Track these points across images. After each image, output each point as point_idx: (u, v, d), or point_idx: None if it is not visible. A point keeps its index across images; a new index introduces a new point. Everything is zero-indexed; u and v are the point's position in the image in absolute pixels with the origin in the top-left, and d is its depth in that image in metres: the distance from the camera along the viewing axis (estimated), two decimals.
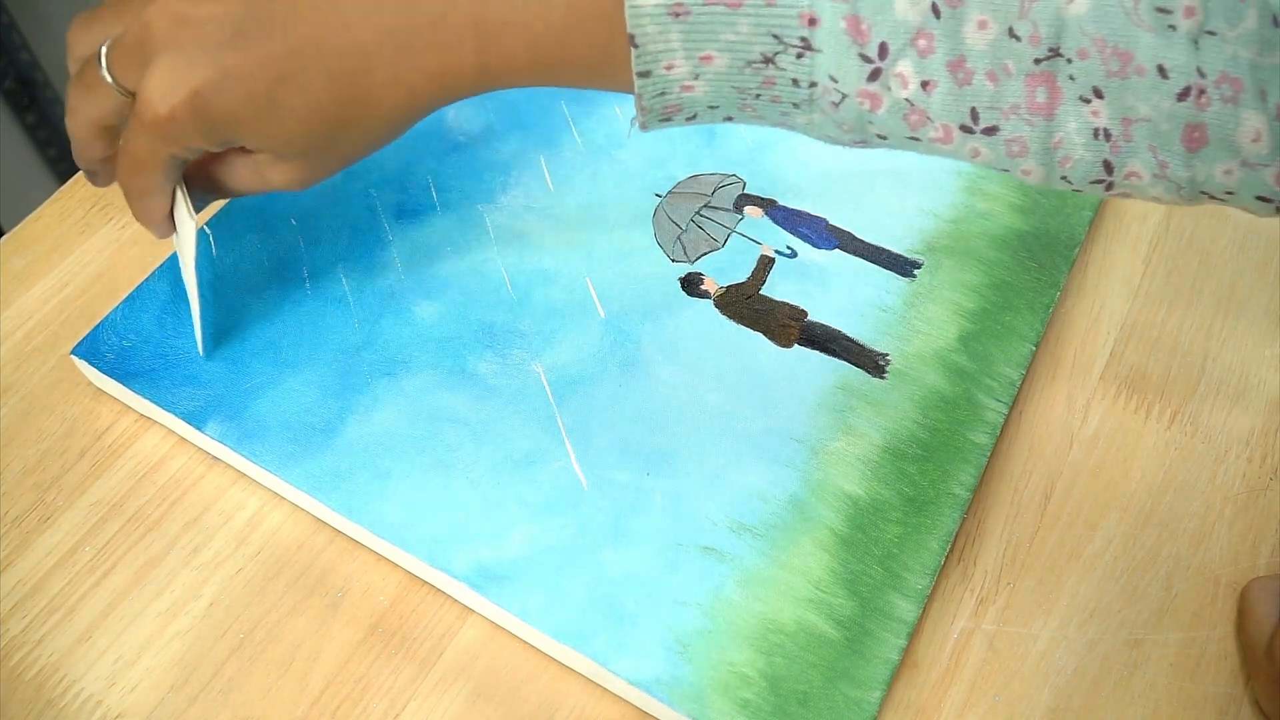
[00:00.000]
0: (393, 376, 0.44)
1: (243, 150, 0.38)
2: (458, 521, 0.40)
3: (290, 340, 0.45)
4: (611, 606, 0.38)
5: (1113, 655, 0.39)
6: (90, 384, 0.46)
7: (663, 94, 0.34)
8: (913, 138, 0.33)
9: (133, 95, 0.36)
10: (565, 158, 0.51)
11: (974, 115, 0.32)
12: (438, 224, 0.49)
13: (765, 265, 0.47)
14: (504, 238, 0.48)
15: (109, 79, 0.36)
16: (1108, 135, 0.32)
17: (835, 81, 0.32)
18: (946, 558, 0.40)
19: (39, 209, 0.52)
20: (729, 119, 0.35)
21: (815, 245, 0.48)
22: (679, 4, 0.32)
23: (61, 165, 1.14)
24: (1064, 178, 0.34)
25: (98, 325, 0.45)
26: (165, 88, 0.34)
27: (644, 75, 0.33)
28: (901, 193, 0.49)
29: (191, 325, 0.44)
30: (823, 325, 0.45)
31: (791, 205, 0.49)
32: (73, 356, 0.45)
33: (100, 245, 0.51)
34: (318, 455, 0.42)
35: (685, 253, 0.48)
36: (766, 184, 0.50)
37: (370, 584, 0.41)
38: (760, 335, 0.45)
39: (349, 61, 0.34)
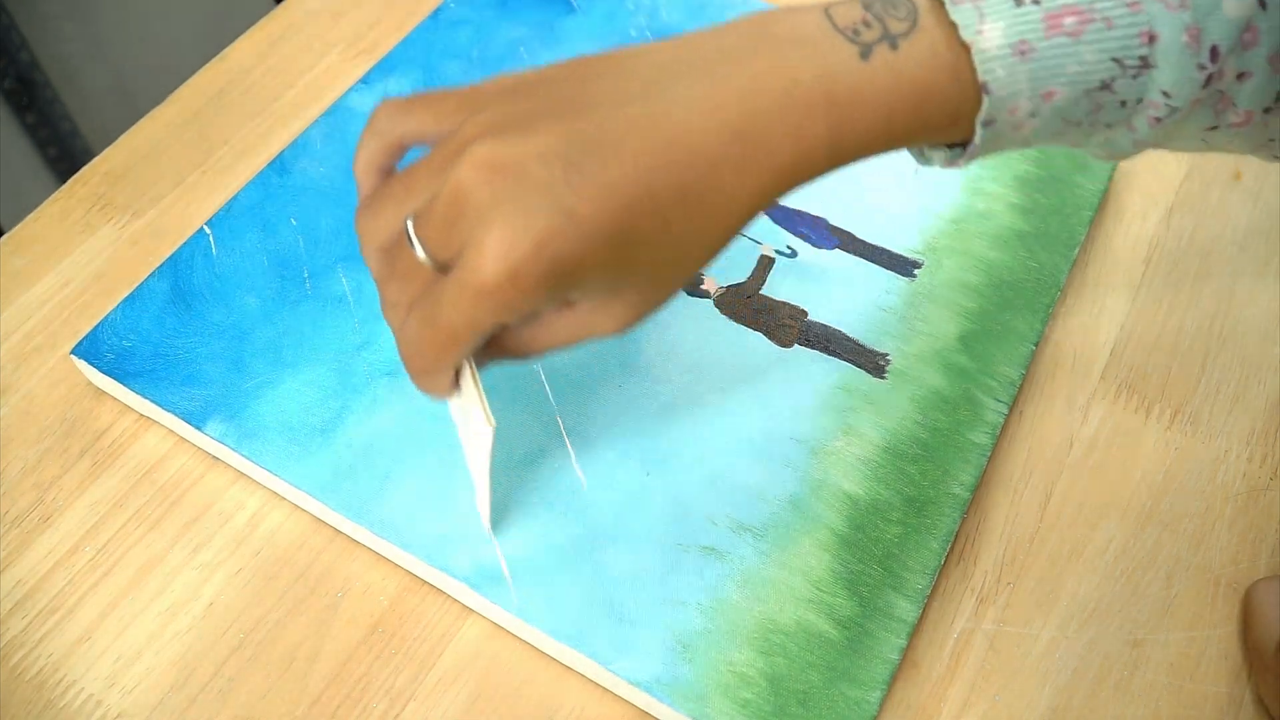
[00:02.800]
0: (393, 376, 0.44)
1: (564, 302, 0.33)
2: (458, 521, 0.40)
3: (290, 340, 0.45)
4: (611, 606, 0.38)
5: (1113, 655, 0.39)
6: (90, 384, 0.46)
7: (997, 138, 0.32)
8: (1211, 127, 0.33)
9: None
10: None
11: (1277, 97, 0.32)
12: None
13: (765, 265, 0.47)
14: None
15: (428, 261, 0.31)
16: None
17: (1168, 96, 0.31)
18: (946, 558, 0.40)
19: (39, 209, 0.52)
20: (1024, 146, 0.33)
21: (815, 245, 0.48)
22: (1024, 42, 0.30)
23: (61, 165, 1.14)
24: None
25: (98, 325, 0.45)
26: (504, 247, 0.29)
27: (989, 123, 0.31)
28: (901, 193, 0.49)
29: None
30: (823, 325, 0.45)
31: (791, 205, 0.49)
32: (73, 356, 0.45)
33: (100, 245, 0.51)
34: (318, 455, 0.42)
35: None
36: None
37: (370, 584, 0.41)
38: (760, 335, 0.45)
39: (695, 172, 0.30)
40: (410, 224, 0.31)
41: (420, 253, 0.31)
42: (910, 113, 0.31)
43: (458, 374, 0.34)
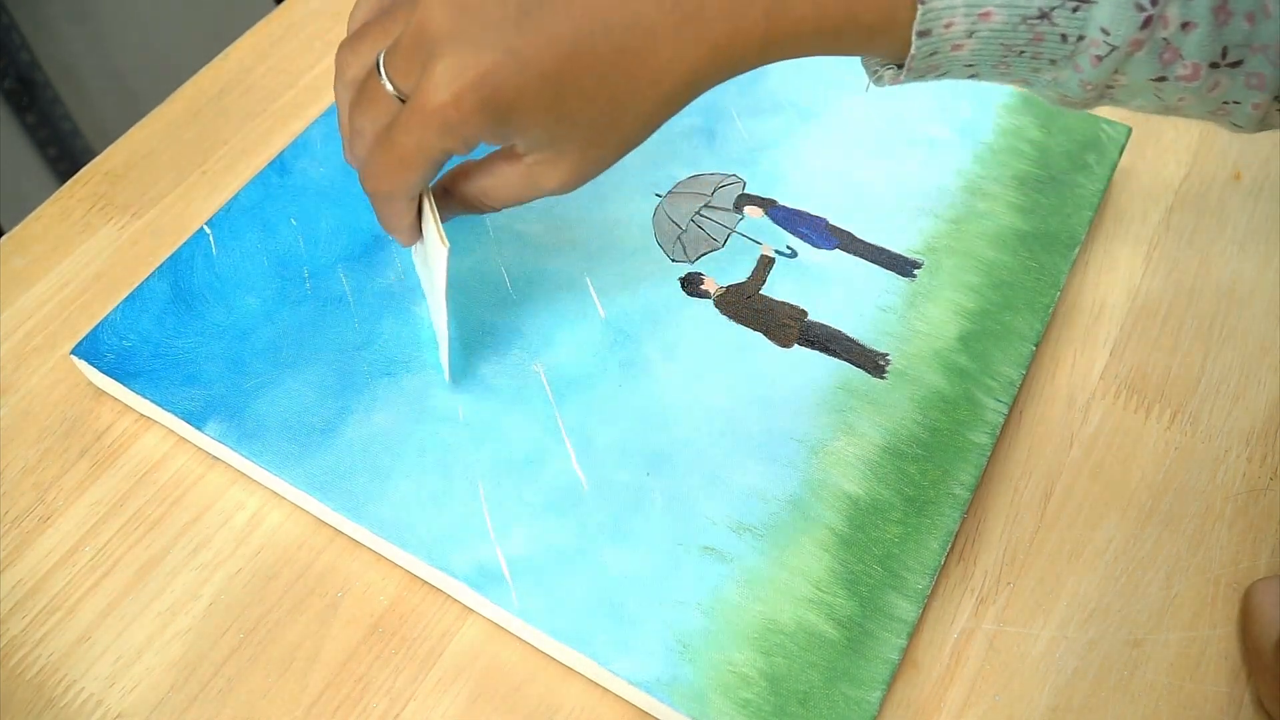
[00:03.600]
0: (393, 376, 0.44)
1: (509, 157, 0.37)
2: (458, 521, 0.40)
3: (290, 340, 0.45)
4: (612, 606, 0.38)
5: (1113, 655, 0.39)
6: (90, 384, 0.46)
7: (933, 54, 0.33)
8: (1159, 78, 0.33)
9: None
10: None
11: (1224, 53, 0.32)
12: None
13: (765, 265, 0.47)
14: (504, 238, 0.48)
15: (392, 90, 0.35)
16: None
17: (1107, 34, 0.32)
18: (946, 558, 0.40)
19: (39, 209, 0.52)
20: (975, 75, 0.35)
21: (815, 245, 0.48)
22: None
23: (61, 165, 1.14)
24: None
25: (98, 325, 0.45)
26: (451, 74, 0.33)
27: (923, 35, 0.33)
28: (901, 193, 0.49)
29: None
30: (823, 325, 0.45)
31: (791, 205, 0.49)
32: (73, 356, 0.45)
33: (100, 245, 0.51)
34: (318, 455, 0.42)
35: (685, 253, 0.48)
36: (766, 184, 0.50)
37: (370, 584, 0.41)
38: (760, 335, 0.45)
39: (634, 35, 0.33)
40: (381, 57, 0.35)
41: (387, 83, 0.35)
42: (843, 7, 0.33)
43: (420, 221, 0.38)
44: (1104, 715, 0.38)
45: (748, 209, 0.49)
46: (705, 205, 0.49)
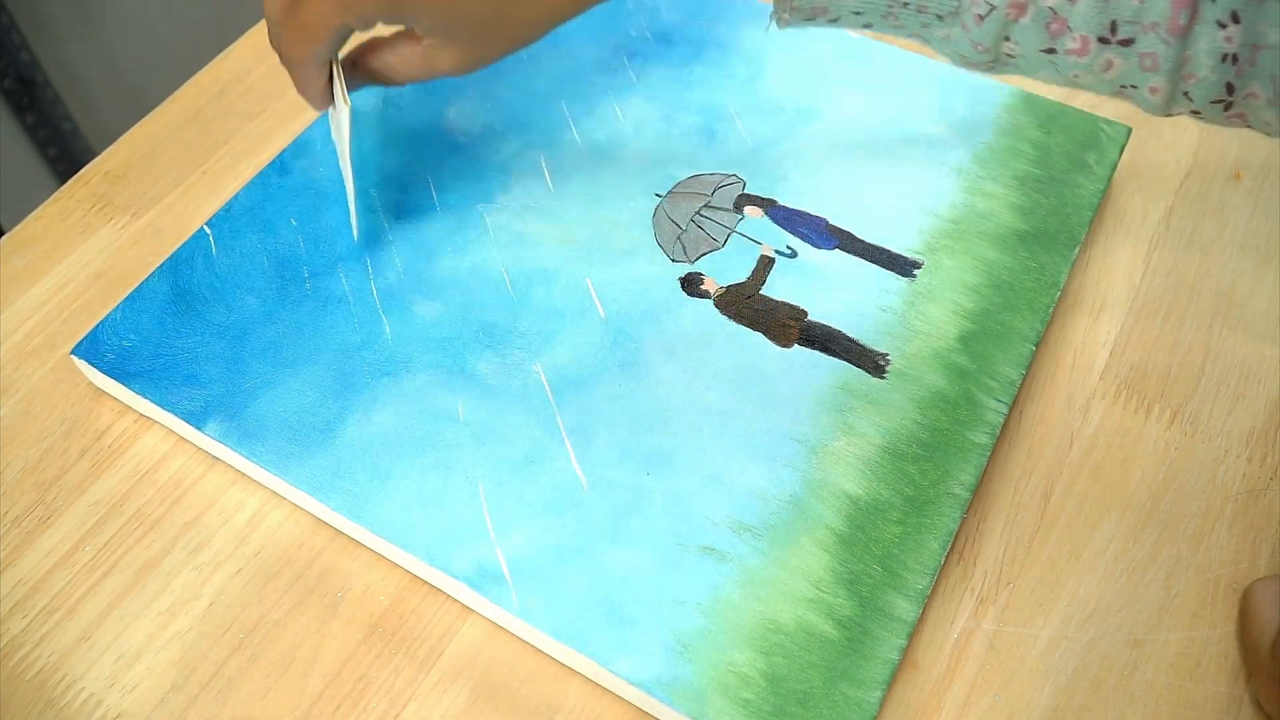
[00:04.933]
0: (393, 376, 0.44)
1: (411, 37, 0.41)
2: (458, 521, 0.40)
3: (290, 340, 0.45)
4: (611, 606, 0.38)
5: (1113, 655, 0.39)
6: (90, 384, 0.46)
7: None
8: (1049, 49, 0.34)
9: None
10: (565, 158, 0.51)
11: (1113, 28, 0.33)
12: (438, 224, 0.49)
13: (765, 265, 0.47)
14: (504, 238, 0.48)
15: None
16: (1235, 59, 0.33)
17: None
18: (946, 558, 0.40)
19: (39, 209, 0.52)
20: (868, 26, 0.36)
21: (815, 245, 0.48)
22: None
23: (61, 165, 1.14)
24: (1186, 94, 0.34)
25: (98, 325, 0.45)
26: None
27: None
28: (901, 193, 0.49)
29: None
30: (823, 325, 0.45)
31: (791, 205, 0.49)
32: (73, 356, 0.45)
33: (100, 245, 0.51)
34: (318, 455, 0.42)
35: (685, 253, 0.48)
36: (766, 184, 0.50)
37: (370, 584, 0.41)
38: (760, 335, 0.45)
39: None
40: None
41: None
42: None
43: (331, 90, 0.42)
44: (1104, 715, 0.38)
45: (748, 209, 0.49)
46: (705, 205, 0.49)
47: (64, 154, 1.13)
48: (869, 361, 0.44)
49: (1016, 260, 0.47)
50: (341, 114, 0.42)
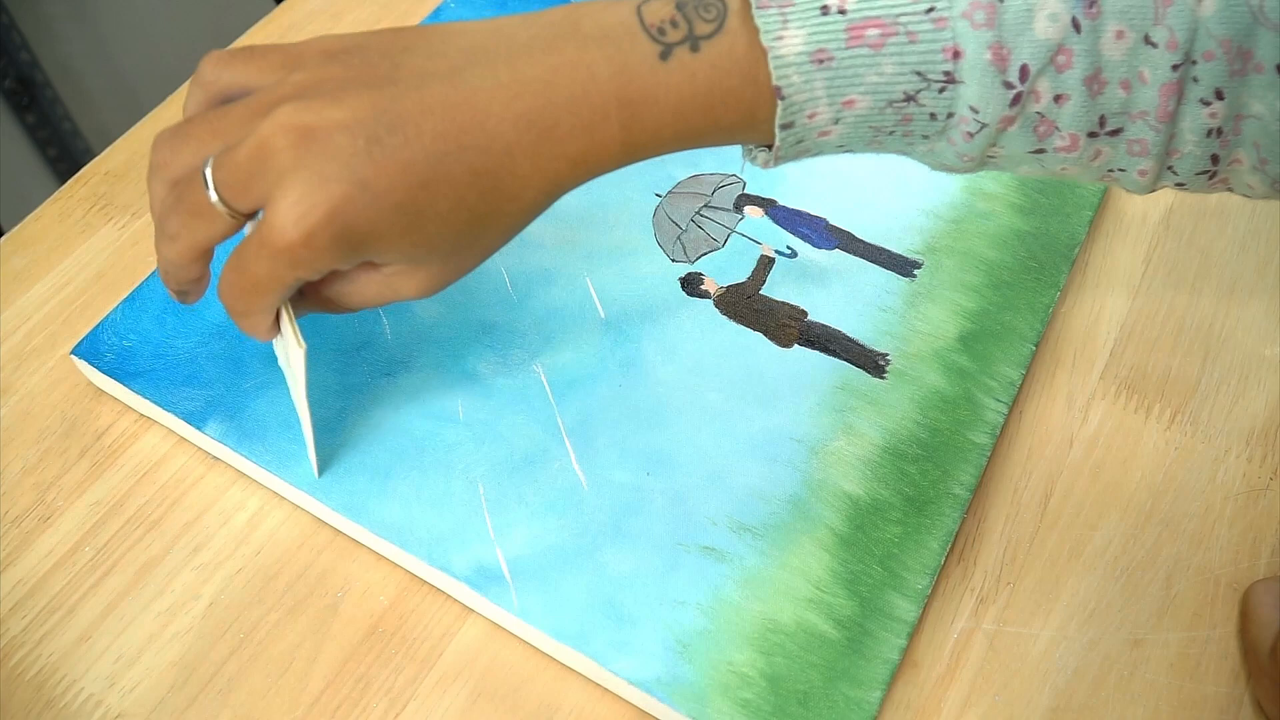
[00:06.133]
0: (392, 376, 0.44)
1: (368, 264, 0.34)
2: (458, 521, 0.40)
3: None
4: (611, 606, 0.38)
5: (1113, 655, 0.39)
6: (90, 384, 0.46)
7: (800, 142, 0.33)
8: (1038, 150, 0.33)
9: (245, 218, 0.33)
10: None
11: (1101, 121, 0.32)
12: None
13: (765, 265, 0.47)
14: None
15: (219, 205, 0.32)
16: (1219, 133, 0.32)
17: (976, 112, 0.32)
18: (946, 558, 0.40)
19: (39, 209, 0.52)
20: (846, 152, 0.34)
21: (815, 245, 0.48)
22: (822, 50, 0.31)
23: (61, 165, 1.14)
24: (1171, 168, 0.34)
25: (98, 325, 0.45)
26: (300, 211, 0.31)
27: (787, 127, 0.32)
28: (901, 193, 0.49)
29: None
30: (823, 325, 0.45)
31: (791, 205, 0.49)
32: (73, 356, 0.45)
33: (100, 245, 0.51)
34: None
35: (685, 253, 0.48)
36: (766, 184, 0.50)
37: (370, 584, 0.41)
38: (760, 335, 0.45)
39: (491, 157, 0.32)
40: (209, 167, 0.32)
41: (214, 196, 0.32)
42: (702, 114, 0.32)
43: (278, 319, 0.36)
44: (1104, 715, 0.38)
45: (748, 209, 0.49)
46: (705, 205, 0.49)
47: (64, 154, 1.13)
48: (869, 361, 0.44)
49: (1016, 260, 0.47)
50: (295, 354, 0.37)
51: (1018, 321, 0.45)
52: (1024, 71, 0.31)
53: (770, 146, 0.34)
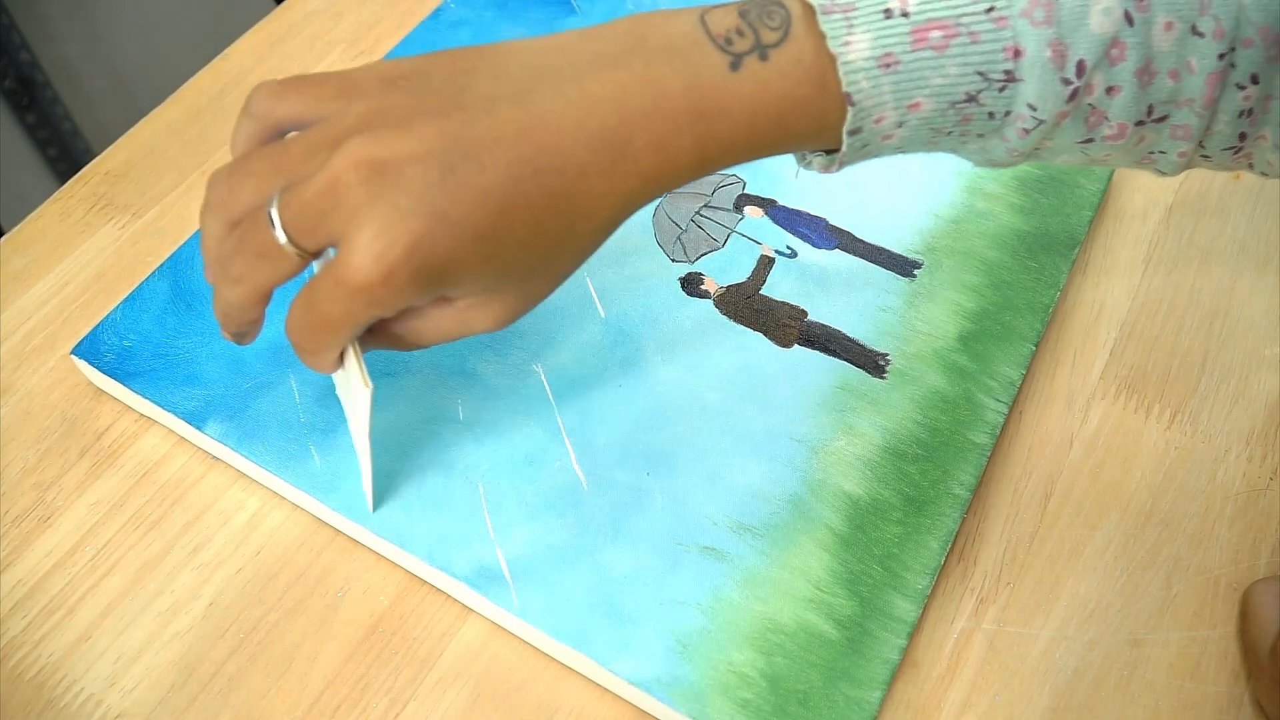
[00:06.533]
0: (393, 377, 0.44)
1: (442, 299, 0.33)
2: (458, 521, 0.40)
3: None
4: (611, 606, 0.38)
5: (1113, 655, 0.39)
6: (90, 384, 0.46)
7: (865, 146, 0.33)
8: (1086, 140, 0.33)
9: (312, 257, 0.32)
10: None
11: (1149, 110, 0.33)
12: None
13: (765, 265, 0.47)
14: None
15: (288, 245, 0.31)
16: (1250, 114, 0.33)
17: (1034, 109, 0.32)
18: (946, 558, 0.40)
19: (39, 209, 0.52)
20: (898, 153, 0.34)
21: (815, 245, 0.48)
22: (888, 54, 0.31)
23: (61, 165, 1.14)
24: (1202, 145, 0.34)
25: (98, 325, 0.45)
26: (379, 248, 0.29)
27: (855, 132, 0.32)
28: (901, 193, 0.49)
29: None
30: (823, 325, 0.45)
31: (791, 205, 0.49)
32: (73, 356, 0.45)
33: (100, 245, 0.51)
34: (318, 455, 0.42)
35: (685, 253, 0.48)
36: (766, 184, 0.50)
37: (370, 584, 0.41)
38: (760, 335, 0.45)
39: (565, 179, 0.31)
40: (274, 206, 0.31)
41: (281, 236, 0.31)
42: (774, 123, 0.32)
43: (343, 354, 0.35)
44: (1104, 715, 0.38)
45: (748, 209, 0.49)
46: (705, 205, 0.49)
47: (64, 154, 1.13)
48: (869, 361, 0.44)
49: (1016, 260, 0.47)
50: (359, 394, 0.36)
51: (1018, 321, 0.45)
52: (1080, 67, 0.31)
53: (829, 151, 0.34)
